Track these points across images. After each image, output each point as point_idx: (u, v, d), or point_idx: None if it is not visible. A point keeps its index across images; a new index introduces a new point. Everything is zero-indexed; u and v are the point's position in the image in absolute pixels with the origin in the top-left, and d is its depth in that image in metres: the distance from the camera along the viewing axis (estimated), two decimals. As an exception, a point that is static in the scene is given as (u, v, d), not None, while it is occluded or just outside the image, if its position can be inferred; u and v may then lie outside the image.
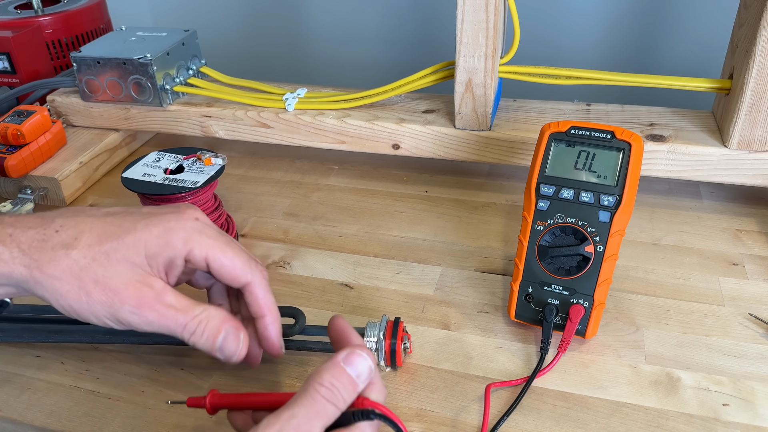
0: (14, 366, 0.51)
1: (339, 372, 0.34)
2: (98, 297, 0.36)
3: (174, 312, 0.38)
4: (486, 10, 0.59)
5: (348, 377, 0.34)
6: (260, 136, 0.73)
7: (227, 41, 1.08)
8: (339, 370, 0.34)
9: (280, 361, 0.50)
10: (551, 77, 0.65)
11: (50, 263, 0.36)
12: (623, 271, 0.58)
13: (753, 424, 0.44)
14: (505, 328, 0.52)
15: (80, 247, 0.37)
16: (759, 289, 0.55)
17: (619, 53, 0.90)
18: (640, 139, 0.48)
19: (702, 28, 0.85)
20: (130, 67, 0.72)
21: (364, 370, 0.34)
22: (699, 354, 0.49)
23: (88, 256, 0.36)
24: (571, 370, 0.48)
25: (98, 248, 0.37)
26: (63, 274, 0.36)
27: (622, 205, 0.47)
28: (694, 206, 0.67)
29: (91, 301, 0.36)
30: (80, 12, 0.86)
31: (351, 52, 1.02)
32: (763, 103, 0.57)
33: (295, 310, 0.50)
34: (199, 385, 0.48)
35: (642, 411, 0.45)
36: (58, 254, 0.36)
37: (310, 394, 0.33)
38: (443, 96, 0.73)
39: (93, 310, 0.36)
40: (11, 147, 0.70)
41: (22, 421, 0.46)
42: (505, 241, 0.63)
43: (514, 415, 0.45)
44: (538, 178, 0.50)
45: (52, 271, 0.36)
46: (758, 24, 0.54)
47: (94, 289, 0.36)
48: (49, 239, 0.37)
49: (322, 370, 0.34)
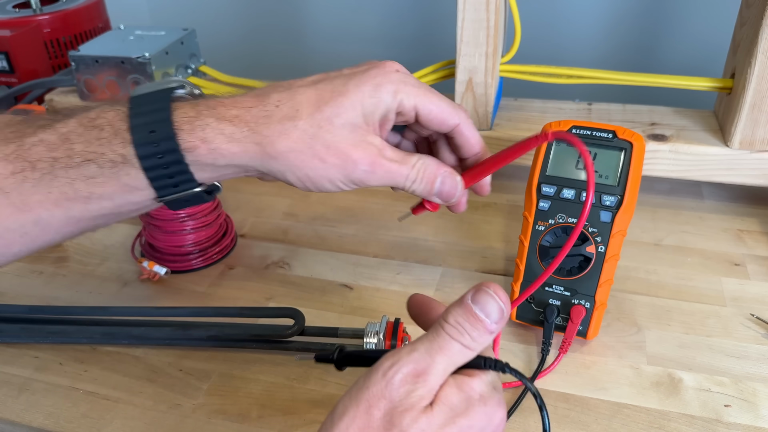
0: (12, 367, 0.51)
1: (465, 310, 0.32)
2: (333, 161, 0.37)
3: (397, 165, 0.39)
4: (487, 9, 0.58)
5: (475, 316, 0.31)
6: (260, 136, 0.73)
7: (226, 40, 1.07)
8: (466, 308, 0.32)
9: (280, 361, 0.50)
10: (552, 76, 0.65)
11: (281, 137, 0.37)
12: (625, 271, 0.57)
13: (755, 425, 0.43)
14: (506, 329, 0.52)
15: (304, 117, 0.37)
16: (761, 290, 0.55)
17: (620, 52, 0.90)
18: (642, 138, 0.48)
19: (703, 28, 0.85)
20: (129, 66, 0.72)
21: (493, 310, 0.32)
22: (701, 355, 0.49)
23: (314, 124, 0.37)
24: (573, 371, 0.48)
25: (320, 115, 0.37)
26: (296, 144, 0.37)
27: (623, 205, 0.47)
28: (695, 206, 0.66)
29: (326, 166, 0.37)
30: (78, 11, 0.86)
31: (351, 51, 1.02)
32: (765, 103, 0.57)
33: (294, 311, 0.50)
34: (198, 385, 0.48)
35: (644, 412, 0.45)
36: (286, 127, 0.37)
37: (435, 330, 0.32)
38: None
39: (329, 175, 0.38)
40: (9, 146, 0.69)
41: (20, 422, 0.46)
42: (506, 242, 0.63)
43: (515, 416, 0.45)
44: (539, 178, 0.49)
45: (284, 143, 0.37)
46: (760, 23, 0.54)
47: (327, 155, 0.37)
48: (273, 114, 0.37)
49: (450, 308, 0.32)
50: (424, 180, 0.40)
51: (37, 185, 0.36)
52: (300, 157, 0.37)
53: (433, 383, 0.30)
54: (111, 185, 0.37)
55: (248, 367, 0.50)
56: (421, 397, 0.29)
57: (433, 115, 0.40)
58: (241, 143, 0.37)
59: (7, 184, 0.36)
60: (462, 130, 0.42)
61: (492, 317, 0.31)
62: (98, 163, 0.36)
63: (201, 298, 0.57)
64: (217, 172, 0.38)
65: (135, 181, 0.37)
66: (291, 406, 0.46)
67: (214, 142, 0.36)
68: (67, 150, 0.36)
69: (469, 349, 0.31)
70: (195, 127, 0.36)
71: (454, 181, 0.41)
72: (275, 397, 0.47)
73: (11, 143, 0.36)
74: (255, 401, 0.47)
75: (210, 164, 0.37)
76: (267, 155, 0.37)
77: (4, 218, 0.36)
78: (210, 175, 0.38)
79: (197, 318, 0.52)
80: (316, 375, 0.49)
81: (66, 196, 0.36)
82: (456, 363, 0.31)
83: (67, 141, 0.36)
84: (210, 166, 0.38)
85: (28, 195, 0.36)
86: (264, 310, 0.51)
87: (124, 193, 0.37)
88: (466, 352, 0.31)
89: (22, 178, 0.36)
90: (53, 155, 0.36)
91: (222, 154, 0.37)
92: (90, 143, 0.36)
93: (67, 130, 0.37)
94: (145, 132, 0.36)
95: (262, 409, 0.46)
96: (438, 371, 0.30)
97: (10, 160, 0.36)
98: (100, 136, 0.36)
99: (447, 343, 0.31)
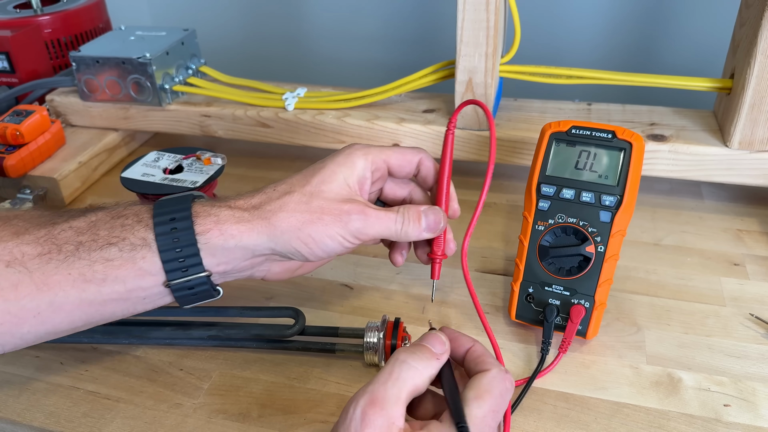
0: (13, 366, 0.51)
1: (415, 344, 0.38)
2: (329, 219, 0.42)
3: (384, 213, 0.44)
4: (487, 10, 0.59)
5: (422, 345, 0.37)
6: (260, 136, 0.73)
7: (227, 40, 1.08)
8: (415, 343, 0.38)
9: (280, 361, 0.50)
10: (552, 77, 0.65)
11: (282, 209, 0.42)
12: (624, 271, 0.57)
13: (754, 425, 0.43)
14: (506, 329, 0.52)
15: (297, 190, 0.43)
16: (760, 290, 0.55)
17: (620, 53, 0.90)
18: (641, 138, 0.48)
19: (703, 28, 0.85)
20: (130, 66, 0.72)
21: (437, 342, 0.38)
22: (700, 354, 0.49)
23: (306, 193, 0.43)
24: (572, 371, 0.48)
25: (309, 187, 0.43)
26: (295, 212, 0.42)
27: (623, 205, 0.47)
28: (695, 206, 0.66)
29: (325, 224, 0.42)
30: (79, 11, 0.86)
31: (351, 51, 1.02)
32: (764, 103, 0.57)
33: (295, 311, 0.50)
34: (199, 385, 0.48)
35: (643, 412, 0.45)
36: (284, 201, 0.42)
37: (389, 361, 0.37)
38: (443, 95, 0.72)
39: (329, 232, 0.42)
40: (10, 147, 0.69)
41: (21, 421, 0.46)
42: (506, 242, 0.63)
43: (515, 415, 0.45)
44: (538, 178, 0.49)
45: (285, 213, 0.42)
46: (759, 23, 0.54)
47: (323, 214, 0.42)
48: (272, 196, 0.43)
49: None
50: (412, 219, 0.45)
51: (59, 266, 0.39)
52: (301, 220, 0.42)
53: (390, 410, 0.33)
54: (126, 268, 0.40)
55: (249, 366, 0.50)
56: (383, 426, 0.32)
57: (401, 160, 0.47)
58: (249, 222, 0.41)
59: (32, 264, 0.39)
60: (424, 162, 0.48)
61: (436, 348, 0.37)
62: (119, 247, 0.40)
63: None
64: (226, 256, 0.42)
65: (149, 265, 0.40)
66: (291, 406, 0.46)
67: (225, 224, 0.41)
68: (92, 235, 0.40)
69: (417, 370, 0.35)
70: (210, 214, 0.42)
71: (435, 210, 0.46)
72: (276, 396, 0.47)
73: (43, 228, 0.40)
74: (255, 401, 0.47)
75: (220, 247, 0.41)
76: (273, 227, 0.41)
77: (23, 296, 0.38)
78: (219, 261, 0.42)
79: (198, 317, 0.52)
80: (316, 375, 0.49)
81: (84, 278, 0.39)
82: (408, 387, 0.34)
83: (93, 227, 0.41)
84: (220, 250, 0.41)
85: (50, 275, 0.39)
86: (264, 310, 0.51)
87: (137, 277, 0.40)
88: (417, 375, 0.35)
89: (47, 259, 0.39)
90: (80, 239, 0.40)
91: (232, 234, 0.41)
92: (114, 229, 0.41)
93: (96, 219, 0.41)
94: (165, 218, 0.41)
95: (262, 409, 0.46)
96: (391, 397, 0.33)
97: (41, 242, 0.39)
98: (124, 223, 0.41)
99: (396, 370, 0.35)
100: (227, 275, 0.43)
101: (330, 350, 0.49)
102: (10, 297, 0.38)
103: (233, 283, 0.58)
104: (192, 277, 0.41)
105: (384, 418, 0.32)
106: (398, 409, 0.33)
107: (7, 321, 0.38)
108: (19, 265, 0.38)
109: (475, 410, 0.33)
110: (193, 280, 0.41)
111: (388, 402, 0.33)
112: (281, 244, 0.42)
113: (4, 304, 0.38)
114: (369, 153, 0.45)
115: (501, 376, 0.35)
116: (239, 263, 0.43)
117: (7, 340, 0.39)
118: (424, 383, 0.36)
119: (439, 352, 0.37)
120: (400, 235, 0.44)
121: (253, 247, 0.42)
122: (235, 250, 0.41)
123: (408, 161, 0.47)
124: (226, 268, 0.42)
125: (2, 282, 0.38)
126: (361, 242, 0.44)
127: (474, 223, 0.48)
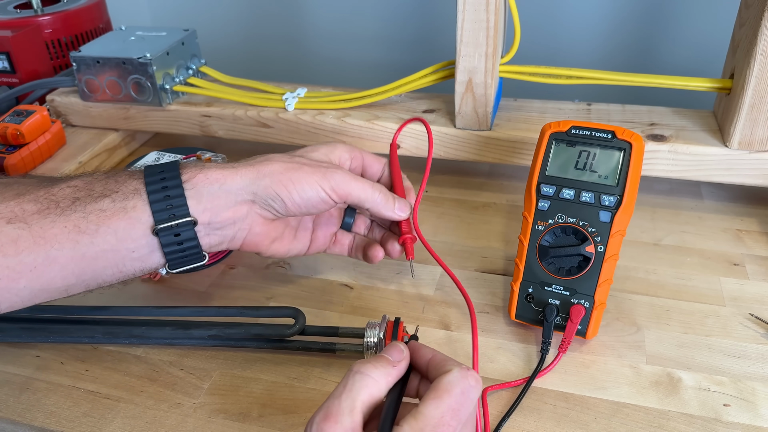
0: (13, 366, 0.51)
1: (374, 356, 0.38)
2: (310, 169, 0.46)
3: (364, 180, 0.49)
4: (486, 10, 0.59)
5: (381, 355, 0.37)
6: (260, 136, 0.73)
7: (227, 41, 1.08)
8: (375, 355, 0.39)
9: (281, 360, 0.50)
10: (552, 77, 0.65)
11: (266, 160, 0.46)
12: (624, 271, 0.57)
13: (754, 425, 0.43)
14: (506, 329, 0.52)
15: (286, 153, 0.49)
16: (760, 290, 0.55)
17: (619, 53, 0.90)
18: (641, 138, 0.48)
19: (703, 28, 0.85)
20: (130, 66, 0.72)
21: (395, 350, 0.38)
22: (700, 354, 0.49)
23: (291, 154, 0.49)
24: (572, 371, 0.48)
25: (294, 153, 0.49)
26: (281, 162, 0.46)
27: (622, 205, 0.47)
28: (695, 206, 0.66)
29: (306, 173, 0.46)
30: (80, 12, 0.86)
31: (351, 52, 1.02)
32: (764, 103, 0.57)
33: (295, 311, 0.50)
34: (199, 385, 0.48)
35: (643, 411, 0.45)
36: (269, 156, 0.47)
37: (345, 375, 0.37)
38: (443, 96, 0.72)
39: (309, 180, 0.46)
40: (11, 147, 0.70)
41: (22, 421, 0.46)
42: (506, 242, 0.63)
43: (515, 415, 0.45)
44: (538, 178, 0.50)
45: (272, 163, 0.46)
46: (759, 23, 0.54)
47: (307, 165, 0.47)
48: (256, 159, 0.47)
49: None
50: (388, 197, 0.50)
51: (56, 219, 0.41)
52: (284, 167, 0.46)
53: (345, 422, 0.32)
54: (118, 216, 0.42)
55: (249, 366, 0.50)
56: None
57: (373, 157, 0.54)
58: (234, 168, 0.45)
59: (32, 219, 0.41)
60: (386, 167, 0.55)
61: (394, 357, 0.37)
62: (112, 198, 0.43)
63: (202, 298, 0.57)
64: (210, 202, 0.44)
65: (139, 213, 0.43)
66: (292, 405, 0.46)
67: (210, 170, 0.45)
68: (88, 191, 0.43)
69: (372, 379, 0.34)
70: (196, 166, 0.45)
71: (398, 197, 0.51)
72: (276, 396, 0.47)
73: (43, 188, 0.43)
74: (256, 400, 0.47)
75: (206, 191, 0.44)
76: (257, 171, 0.45)
77: (21, 250, 0.40)
78: (204, 207, 0.44)
79: (198, 317, 0.52)
80: (316, 374, 0.49)
81: (78, 229, 0.41)
82: (362, 397, 0.33)
83: (89, 184, 0.43)
84: (206, 194, 0.44)
85: (47, 228, 0.41)
86: (264, 310, 0.51)
87: (128, 227, 0.42)
88: (372, 384, 0.34)
89: (46, 214, 0.41)
90: (76, 195, 0.42)
91: (216, 178, 0.44)
92: (108, 184, 0.43)
93: (92, 178, 0.44)
94: (155, 170, 0.44)
95: (262, 408, 0.46)
96: (344, 408, 0.32)
97: (40, 200, 0.42)
98: (118, 179, 0.44)
99: (350, 381, 0.34)
100: (210, 229, 0.45)
101: (330, 350, 0.49)
102: (9, 252, 0.40)
103: (234, 282, 0.59)
104: (179, 221, 0.43)
105: (341, 431, 0.32)
106: (353, 419, 0.32)
107: (5, 276, 0.40)
108: (19, 221, 0.40)
109: (433, 410, 0.33)
110: (180, 226, 0.43)
111: (342, 414, 0.32)
112: (263, 187, 0.45)
113: (4, 259, 0.40)
114: (351, 145, 0.53)
115: (461, 374, 0.34)
116: (222, 212, 0.45)
117: (4, 297, 0.41)
118: (381, 392, 0.35)
119: (396, 359, 0.36)
120: (376, 202, 0.49)
121: (236, 191, 0.45)
122: (219, 194, 0.44)
123: (378, 160, 0.54)
124: (210, 217, 0.44)
125: (3, 238, 0.40)
126: (339, 200, 0.47)
127: (419, 199, 0.56)
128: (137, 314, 0.52)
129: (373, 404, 0.34)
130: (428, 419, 0.32)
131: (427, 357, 0.37)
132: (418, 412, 0.33)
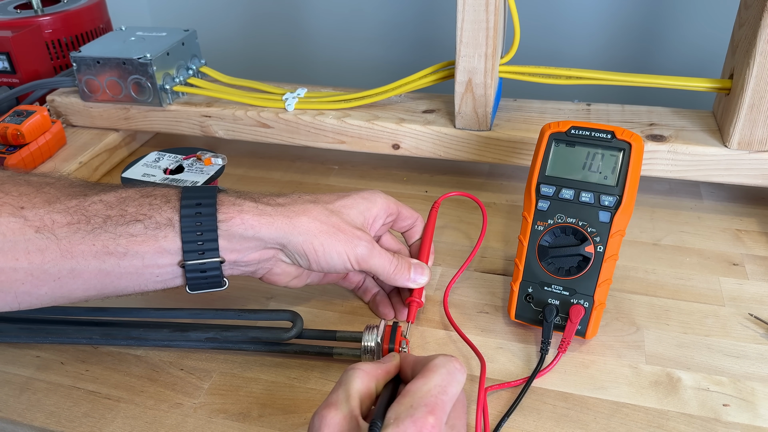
0: (14, 366, 0.51)
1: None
2: (342, 237, 0.46)
3: (385, 252, 0.49)
4: (486, 10, 0.59)
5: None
6: (260, 136, 0.73)
7: (227, 41, 1.08)
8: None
9: (281, 361, 0.50)
10: (551, 77, 0.65)
11: (305, 213, 0.46)
12: (623, 271, 0.57)
13: (753, 425, 0.44)
14: (505, 329, 0.52)
15: (321, 204, 0.47)
16: (759, 290, 0.55)
17: (619, 53, 0.90)
18: (641, 139, 0.48)
19: (702, 28, 0.85)
20: (130, 67, 0.72)
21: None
22: (699, 354, 0.49)
23: (329, 209, 0.47)
24: (572, 371, 0.48)
25: (332, 206, 0.48)
26: (316, 218, 0.46)
27: (622, 206, 0.47)
28: (694, 206, 0.67)
29: (337, 240, 0.46)
30: (80, 12, 0.86)
31: (351, 52, 1.02)
32: (763, 103, 0.57)
33: (293, 314, 0.50)
34: (199, 385, 0.48)
35: (642, 411, 0.45)
36: (308, 207, 0.46)
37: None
38: (443, 96, 0.72)
39: (337, 248, 0.46)
40: (11, 147, 0.70)
41: (22, 421, 0.46)
42: (505, 242, 0.63)
43: (515, 415, 0.45)
44: (538, 178, 0.50)
45: (307, 217, 0.46)
46: (758, 24, 0.54)
47: (338, 231, 0.46)
48: (297, 201, 0.47)
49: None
50: (404, 267, 0.50)
51: (85, 236, 0.41)
52: (319, 228, 0.46)
53: (343, 408, 0.34)
54: (148, 244, 0.42)
55: (249, 366, 0.50)
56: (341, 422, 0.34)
57: (408, 212, 0.53)
58: (271, 216, 0.45)
59: (61, 232, 0.41)
60: (419, 222, 0.55)
61: (384, 358, 0.39)
62: (145, 224, 0.42)
63: (201, 298, 0.57)
64: (241, 244, 0.44)
65: (169, 244, 0.43)
66: (292, 405, 0.47)
67: (247, 214, 0.44)
68: (121, 210, 0.42)
69: (364, 371, 0.37)
70: (234, 204, 0.45)
71: (423, 266, 0.51)
72: (276, 396, 0.47)
73: (74, 199, 0.42)
74: (256, 400, 0.47)
75: (239, 235, 0.44)
76: (293, 226, 0.45)
77: (47, 261, 0.40)
78: (233, 247, 0.44)
79: (196, 320, 0.52)
80: (316, 374, 0.49)
81: (107, 250, 0.41)
82: (356, 386, 0.36)
83: (122, 203, 0.43)
84: (238, 237, 0.44)
85: (75, 244, 0.41)
86: (262, 313, 0.51)
87: (156, 254, 0.43)
88: (364, 375, 0.36)
89: (75, 229, 0.41)
90: (108, 213, 0.42)
91: (252, 224, 0.44)
92: (142, 207, 0.43)
93: (126, 195, 0.44)
94: (192, 203, 0.44)
95: (262, 408, 0.46)
96: (341, 397, 0.35)
97: (71, 212, 0.41)
98: (152, 202, 0.43)
99: (344, 376, 0.36)
100: (235, 266, 0.46)
101: (328, 354, 0.49)
102: (35, 261, 0.40)
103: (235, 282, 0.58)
104: (207, 260, 0.43)
105: (340, 416, 0.34)
106: (351, 404, 0.34)
107: (28, 282, 0.40)
108: (48, 231, 0.40)
109: (421, 386, 0.34)
110: (207, 264, 0.44)
111: (340, 402, 0.35)
112: (293, 243, 0.45)
113: (29, 266, 0.40)
114: (389, 198, 0.52)
115: (446, 358, 0.36)
116: (250, 254, 0.45)
117: (24, 299, 0.41)
118: (373, 380, 0.37)
119: (386, 360, 0.39)
120: (390, 276, 0.49)
121: (268, 239, 0.45)
122: (251, 239, 0.44)
123: (411, 215, 0.54)
124: (237, 257, 0.45)
125: (30, 246, 0.40)
126: (359, 269, 0.48)
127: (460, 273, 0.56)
128: (135, 316, 0.52)
129: (368, 393, 0.36)
130: (417, 394, 0.34)
131: (413, 360, 0.39)
132: (407, 391, 0.34)
